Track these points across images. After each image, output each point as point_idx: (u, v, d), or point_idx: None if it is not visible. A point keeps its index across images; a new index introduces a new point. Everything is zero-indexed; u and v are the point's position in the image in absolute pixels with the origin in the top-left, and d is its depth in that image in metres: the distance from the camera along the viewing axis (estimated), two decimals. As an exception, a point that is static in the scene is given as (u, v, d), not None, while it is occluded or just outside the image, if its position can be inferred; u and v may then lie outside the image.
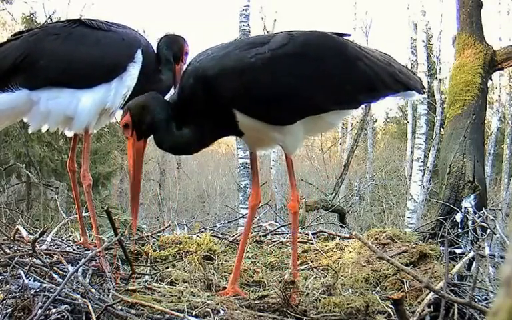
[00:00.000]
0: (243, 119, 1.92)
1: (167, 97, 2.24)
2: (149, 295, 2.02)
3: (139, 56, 2.42)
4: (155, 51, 2.61)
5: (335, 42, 2.01)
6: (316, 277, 2.38)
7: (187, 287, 2.14)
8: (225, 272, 2.42)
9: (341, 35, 2.11)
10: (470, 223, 3.23)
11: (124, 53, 2.39)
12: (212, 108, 1.92)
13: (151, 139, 2.06)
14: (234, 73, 1.86)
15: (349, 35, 2.16)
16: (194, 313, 1.78)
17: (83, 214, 2.80)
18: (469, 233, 3.10)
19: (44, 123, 2.42)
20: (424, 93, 2.28)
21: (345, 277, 2.34)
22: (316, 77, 1.94)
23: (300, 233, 3.22)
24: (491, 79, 4.30)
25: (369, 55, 2.02)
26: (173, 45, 2.62)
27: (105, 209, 2.07)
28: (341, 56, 1.98)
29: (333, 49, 1.99)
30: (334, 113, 2.09)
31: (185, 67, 2.49)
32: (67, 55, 2.31)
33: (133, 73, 2.41)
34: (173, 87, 2.65)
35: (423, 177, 9.45)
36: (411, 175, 10.23)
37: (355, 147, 7.34)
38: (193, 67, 1.96)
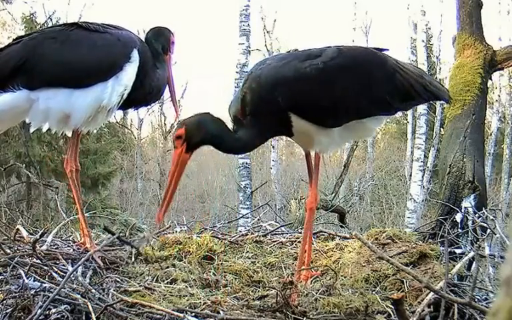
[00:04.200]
0: (296, 120, 2.13)
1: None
2: (148, 295, 2.02)
3: (135, 55, 2.47)
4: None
5: (376, 56, 2.27)
6: (316, 277, 2.38)
7: (186, 287, 2.14)
8: (224, 272, 2.42)
9: (381, 50, 2.36)
10: (470, 223, 3.23)
11: (120, 53, 2.45)
12: (269, 111, 2.13)
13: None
14: (291, 80, 2.09)
15: (388, 50, 2.38)
16: (194, 313, 1.78)
17: (86, 214, 2.81)
18: (469, 233, 3.10)
19: (44, 121, 2.48)
20: (451, 102, 2.48)
21: (344, 277, 2.34)
22: (360, 86, 2.19)
23: (299, 233, 3.22)
24: (491, 78, 4.30)
25: (405, 68, 2.26)
26: (160, 37, 2.69)
27: (104, 227, 2.13)
28: (382, 69, 2.23)
29: (375, 62, 2.25)
30: (374, 118, 2.33)
31: (173, 55, 2.73)
32: (65, 58, 2.38)
33: (129, 71, 2.46)
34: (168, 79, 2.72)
35: (422, 177, 9.44)
36: (410, 175, 10.23)
37: (354, 146, 7.32)
38: (254, 74, 2.18)
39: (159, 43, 2.67)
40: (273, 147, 13.03)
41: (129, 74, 2.46)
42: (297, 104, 2.10)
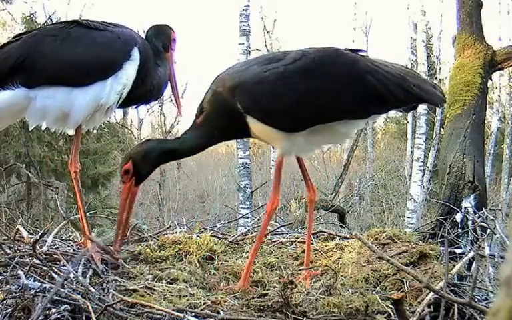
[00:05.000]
0: (254, 124, 2.11)
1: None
2: (148, 294, 2.02)
3: (135, 54, 2.46)
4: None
5: (345, 58, 2.15)
6: (316, 277, 2.38)
7: (186, 287, 2.14)
8: (225, 272, 2.42)
9: (356, 50, 2.25)
10: (470, 223, 3.23)
11: (120, 51, 2.44)
12: (226, 112, 2.13)
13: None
14: (249, 84, 2.08)
15: (365, 51, 2.30)
16: (194, 313, 1.78)
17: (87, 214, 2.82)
18: (469, 233, 3.10)
19: (42, 119, 2.48)
20: (442, 106, 2.35)
21: (344, 277, 2.34)
22: (324, 90, 2.09)
23: (300, 233, 3.22)
24: (491, 78, 4.30)
25: (381, 70, 2.11)
26: (161, 34, 2.68)
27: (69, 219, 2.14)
28: (350, 70, 2.11)
29: (343, 64, 2.13)
30: (344, 122, 2.20)
31: (174, 52, 2.72)
32: (64, 56, 2.38)
33: (128, 70, 2.45)
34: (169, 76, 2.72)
35: (422, 177, 9.44)
36: (410, 175, 10.23)
37: (354, 146, 7.33)
38: (220, 77, 2.20)
39: (159, 41, 2.66)
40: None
41: (128, 72, 2.45)
42: (255, 108, 2.08)
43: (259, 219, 4.07)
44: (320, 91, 2.08)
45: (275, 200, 2.23)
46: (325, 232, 3.16)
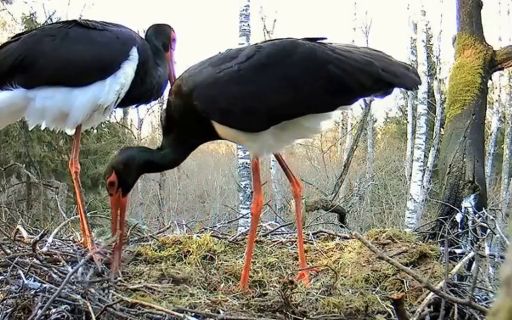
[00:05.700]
0: (219, 127, 2.05)
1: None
2: (149, 295, 2.02)
3: (134, 53, 2.47)
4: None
5: (302, 49, 2.02)
6: (316, 276, 2.38)
7: (186, 287, 2.14)
8: (225, 272, 2.42)
9: (315, 39, 2.12)
10: (470, 223, 3.22)
11: (118, 51, 2.45)
12: (192, 118, 2.06)
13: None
14: (203, 87, 2.00)
15: (325, 38, 2.14)
16: (194, 313, 1.78)
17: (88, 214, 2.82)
18: (469, 233, 3.10)
19: (41, 119, 2.50)
20: (417, 88, 2.21)
21: (344, 277, 2.34)
22: (282, 85, 1.99)
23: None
24: (491, 78, 4.30)
25: (343, 57, 1.99)
26: (160, 34, 2.69)
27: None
28: (309, 61, 2.00)
29: (300, 55, 2.01)
30: (310, 117, 2.09)
31: (174, 51, 2.70)
32: (63, 56, 2.39)
33: (127, 70, 2.46)
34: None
35: (422, 177, 9.44)
36: (410, 175, 10.23)
37: (354, 146, 7.35)
38: (175, 84, 2.15)
39: (159, 40, 2.66)
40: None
41: (127, 72, 2.46)
42: (213, 110, 2.01)
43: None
44: (277, 87, 1.98)
45: (259, 201, 2.16)
46: (325, 232, 3.16)
